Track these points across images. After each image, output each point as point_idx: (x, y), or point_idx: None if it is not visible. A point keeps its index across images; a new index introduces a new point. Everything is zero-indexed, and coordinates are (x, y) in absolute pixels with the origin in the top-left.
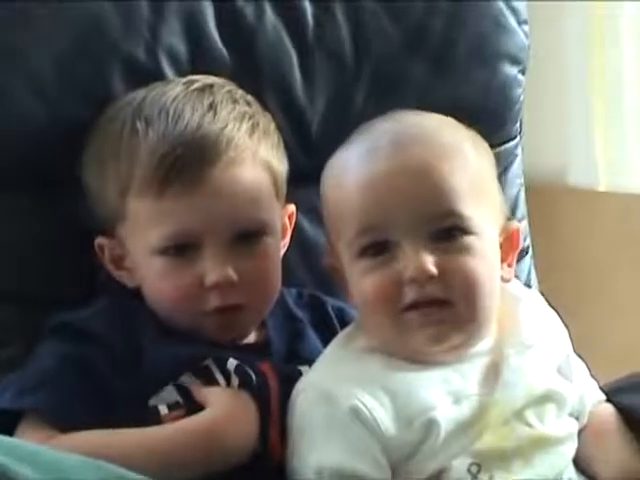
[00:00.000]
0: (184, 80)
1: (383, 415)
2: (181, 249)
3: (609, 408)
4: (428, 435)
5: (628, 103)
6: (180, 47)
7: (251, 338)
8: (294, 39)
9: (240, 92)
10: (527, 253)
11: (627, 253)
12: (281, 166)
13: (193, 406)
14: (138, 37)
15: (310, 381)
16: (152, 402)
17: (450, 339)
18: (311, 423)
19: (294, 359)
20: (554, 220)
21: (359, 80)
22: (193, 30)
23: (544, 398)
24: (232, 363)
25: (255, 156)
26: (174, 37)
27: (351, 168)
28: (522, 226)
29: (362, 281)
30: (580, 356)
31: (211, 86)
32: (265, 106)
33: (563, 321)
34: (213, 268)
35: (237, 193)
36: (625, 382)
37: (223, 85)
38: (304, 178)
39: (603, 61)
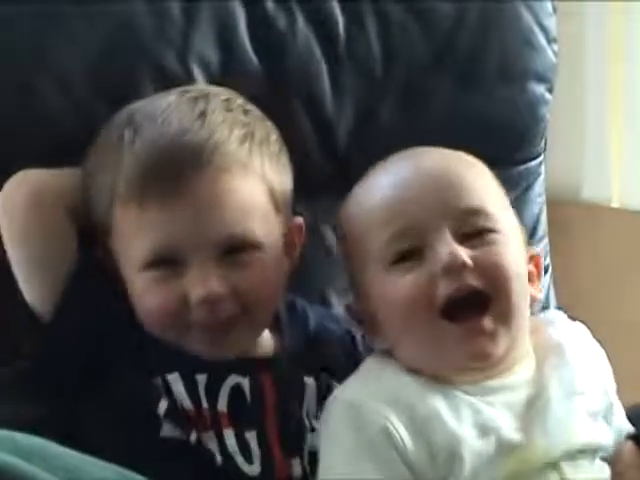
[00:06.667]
0: (180, 89)
1: (411, 442)
2: (165, 263)
3: (632, 446)
4: (452, 469)
5: None
6: (211, 54)
7: (267, 349)
8: (324, 49)
9: (239, 101)
10: (547, 272)
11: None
12: (280, 178)
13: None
14: (170, 43)
15: (342, 397)
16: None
17: (491, 355)
18: (342, 442)
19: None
20: (567, 235)
21: (387, 92)
22: (224, 37)
23: (582, 451)
24: (228, 385)
25: (247, 166)
26: (206, 43)
27: (373, 189)
28: (542, 245)
29: (396, 287)
30: None
31: (206, 95)
32: (293, 115)
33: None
34: (197, 283)
35: (224, 204)
36: None
37: (219, 94)
38: (330, 189)
39: (620, 77)
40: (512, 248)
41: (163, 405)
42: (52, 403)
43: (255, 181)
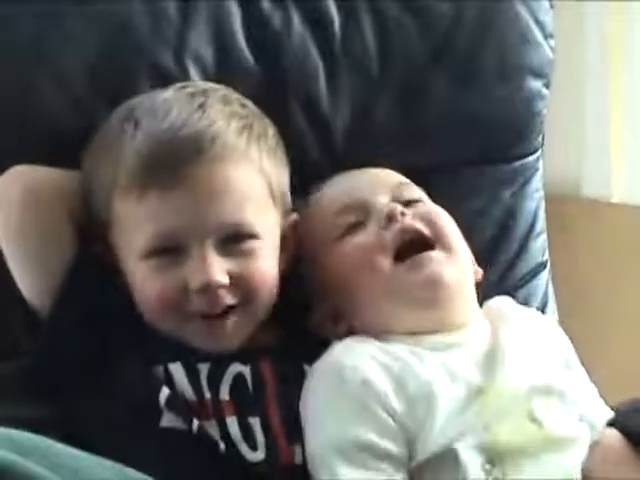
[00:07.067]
0: (179, 85)
1: (392, 393)
2: (165, 252)
3: (616, 434)
4: (429, 411)
5: None
6: (207, 53)
7: (266, 340)
8: (320, 48)
9: (236, 96)
10: (545, 267)
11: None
12: (277, 172)
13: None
14: (166, 42)
15: (323, 360)
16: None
17: (441, 279)
18: (325, 399)
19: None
20: (567, 231)
21: (384, 90)
22: (220, 36)
23: (548, 391)
24: (230, 373)
25: (245, 157)
26: (202, 43)
27: (328, 190)
28: (541, 240)
29: (350, 248)
30: (590, 366)
31: (204, 90)
32: (289, 114)
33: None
34: (197, 271)
35: (222, 193)
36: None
37: (218, 89)
38: None
39: (620, 73)
40: (442, 212)
41: (164, 395)
42: (52, 399)
43: (253, 172)
